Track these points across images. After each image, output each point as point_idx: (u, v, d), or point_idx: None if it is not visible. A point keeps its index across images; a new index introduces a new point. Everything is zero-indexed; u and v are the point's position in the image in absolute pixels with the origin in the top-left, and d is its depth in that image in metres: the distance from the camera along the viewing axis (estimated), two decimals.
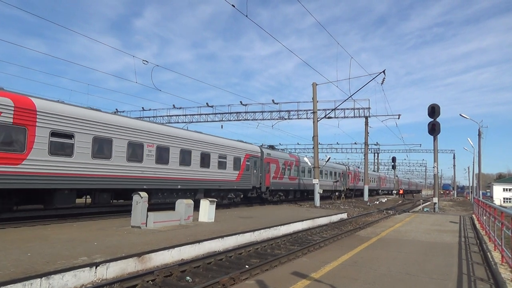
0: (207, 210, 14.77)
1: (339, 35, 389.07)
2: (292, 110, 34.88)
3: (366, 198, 41.21)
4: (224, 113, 37.44)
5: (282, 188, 30.38)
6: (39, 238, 9.57)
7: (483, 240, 11.99)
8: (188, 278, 7.81)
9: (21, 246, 8.44)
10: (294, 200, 33.72)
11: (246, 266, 8.72)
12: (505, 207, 12.31)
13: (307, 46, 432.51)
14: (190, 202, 14.06)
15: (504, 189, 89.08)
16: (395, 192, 67.81)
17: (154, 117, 39.81)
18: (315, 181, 28.18)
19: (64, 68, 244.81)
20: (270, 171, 27.76)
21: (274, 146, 34.29)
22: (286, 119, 35.27)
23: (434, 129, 24.83)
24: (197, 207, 14.88)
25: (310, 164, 32.71)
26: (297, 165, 32.93)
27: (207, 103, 37.15)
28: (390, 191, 70.90)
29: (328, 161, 36.57)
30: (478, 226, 16.42)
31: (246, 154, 24.27)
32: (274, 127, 38.58)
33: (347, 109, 34.02)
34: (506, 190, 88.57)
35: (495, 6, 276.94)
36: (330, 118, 33.45)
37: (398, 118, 37.70)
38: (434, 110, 24.78)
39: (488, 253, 9.55)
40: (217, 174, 21.11)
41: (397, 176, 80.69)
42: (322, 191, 30.14)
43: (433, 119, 24.85)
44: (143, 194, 12.30)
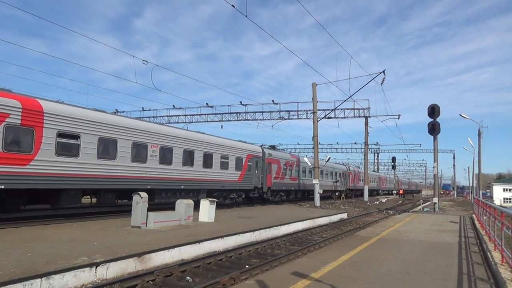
0: (207, 210, 14.78)
1: (339, 35, 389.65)
2: (292, 110, 34.97)
3: (366, 198, 41.22)
4: (224, 113, 37.50)
5: (284, 188, 30.34)
6: (39, 238, 9.58)
7: (483, 240, 11.99)
8: (188, 278, 7.81)
9: (21, 246, 8.44)
10: (295, 200, 33.71)
11: (246, 266, 8.72)
12: (505, 207, 12.32)
13: (307, 46, 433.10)
14: (190, 202, 14.07)
15: (504, 189, 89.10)
16: (395, 192, 67.82)
17: (154, 117, 39.84)
18: (315, 181, 28.19)
19: (64, 68, 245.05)
20: (271, 171, 27.75)
21: (275, 146, 34.27)
22: (286, 119, 35.36)
23: (434, 129, 24.85)
24: (197, 207, 14.89)
25: (310, 164, 32.71)
26: (298, 165, 32.88)
27: (207, 103, 37.24)
28: (390, 191, 70.92)
29: (328, 161, 36.56)
30: (478, 226, 16.42)
31: (248, 154, 24.28)
32: (274, 127, 38.66)
33: (347, 109, 34.12)
34: (506, 190, 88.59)
35: (495, 6, 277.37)
36: (330, 118, 33.51)
37: (398, 118, 37.83)
38: (434, 110, 24.80)
39: (488, 253, 9.55)
40: (219, 175, 21.14)
41: (397, 176, 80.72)
42: (322, 191, 30.14)
43: (433, 119, 24.87)
44: (143, 194, 12.30)
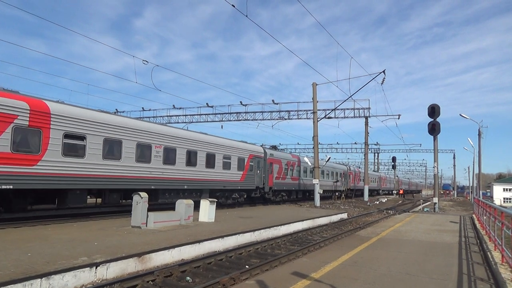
0: (207, 210, 14.78)
1: (339, 35, 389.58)
2: (292, 110, 34.95)
3: (366, 198, 41.21)
4: (224, 113, 37.48)
5: (285, 188, 30.39)
6: (39, 238, 9.58)
7: (483, 240, 11.99)
8: (188, 278, 7.81)
9: (21, 246, 8.44)
10: (296, 200, 33.75)
11: (246, 266, 8.72)
12: (505, 207, 12.31)
13: (307, 46, 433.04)
14: (190, 202, 14.08)
15: (504, 189, 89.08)
16: (395, 192, 67.81)
17: (154, 117, 39.84)
18: (315, 181, 28.20)
19: (64, 68, 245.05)
20: (273, 172, 27.82)
21: (276, 147, 34.30)
22: (286, 119, 35.34)
23: (434, 129, 24.86)
24: (197, 207, 14.89)
25: (310, 164, 32.72)
26: (299, 165, 32.91)
27: (207, 103, 37.22)
28: (391, 191, 70.91)
29: (328, 161, 36.56)
30: (478, 226, 16.42)
31: (250, 154, 24.41)
32: (274, 127, 38.66)
33: (347, 109, 34.09)
34: (506, 190, 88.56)
35: (495, 6, 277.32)
36: (330, 118, 33.49)
37: (398, 118, 37.78)
38: (434, 110, 24.80)
39: (488, 253, 9.55)
40: (222, 175, 21.28)
41: (397, 176, 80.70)
42: (322, 191, 30.15)
43: (433, 119, 24.88)
44: (143, 194, 12.31)
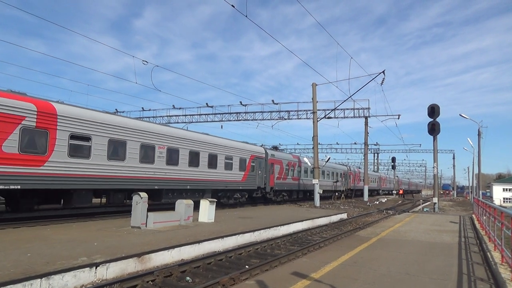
0: (207, 210, 14.78)
1: (339, 35, 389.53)
2: (292, 110, 35.00)
3: (366, 198, 41.22)
4: (224, 113, 37.51)
5: (286, 188, 30.51)
6: (39, 238, 9.57)
7: (483, 240, 11.99)
8: (188, 278, 7.81)
9: (20, 246, 8.43)
10: (297, 200, 33.83)
11: (246, 266, 8.72)
12: (505, 207, 12.30)
13: (307, 47, 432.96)
14: (190, 202, 14.08)
15: (503, 189, 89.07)
16: (395, 192, 67.81)
17: (154, 117, 39.84)
18: (315, 181, 28.23)
19: (63, 68, 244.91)
20: (274, 172, 27.95)
21: (277, 147, 34.36)
22: (286, 119, 35.39)
23: (434, 129, 24.88)
24: (197, 208, 14.89)
25: (310, 164, 32.75)
26: (299, 165, 32.98)
27: (207, 104, 37.25)
28: (390, 191, 70.91)
29: (328, 161, 36.57)
30: (478, 226, 16.42)
31: (251, 155, 24.57)
32: (274, 127, 38.66)
33: (347, 109, 34.16)
34: (506, 190, 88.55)
35: (495, 7, 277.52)
36: (330, 118, 33.54)
37: (398, 118, 37.86)
38: (433, 110, 24.83)
39: (488, 253, 9.55)
40: (224, 175, 21.45)
41: (397, 176, 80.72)
42: (322, 191, 30.18)
43: (432, 119, 24.90)
44: (143, 194, 12.30)
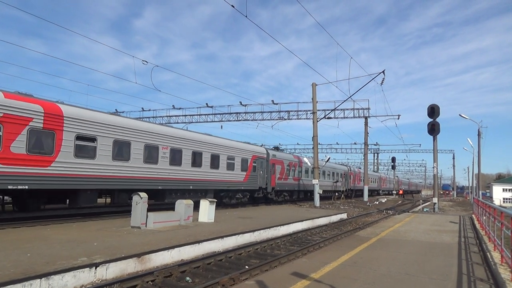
0: (207, 210, 14.78)
1: (339, 36, 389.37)
2: (291, 111, 35.02)
3: (365, 198, 41.20)
4: (223, 113, 37.52)
5: (287, 188, 30.63)
6: (39, 238, 9.57)
7: (483, 240, 11.99)
8: (188, 278, 7.81)
9: (20, 246, 8.43)
10: (298, 200, 33.91)
11: (246, 267, 8.72)
12: (504, 207, 12.31)
13: (307, 47, 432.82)
14: (190, 202, 14.09)
15: (503, 189, 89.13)
16: (395, 192, 67.82)
17: (153, 117, 39.86)
18: (315, 181, 28.25)
19: (63, 68, 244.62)
20: (275, 172, 28.08)
21: (278, 148, 34.42)
22: (285, 120, 35.40)
23: (433, 129, 24.88)
24: (197, 208, 14.89)
25: (310, 164, 32.77)
26: (300, 165, 33.08)
27: (207, 104, 37.26)
28: (390, 191, 70.92)
29: (328, 161, 36.56)
30: (477, 226, 16.43)
31: (253, 155, 24.71)
32: (274, 128, 38.65)
33: (347, 109, 34.17)
34: (506, 190, 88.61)
35: (494, 7, 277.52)
36: (329, 118, 33.54)
37: (398, 118, 37.86)
38: (433, 110, 24.83)
39: (487, 253, 9.55)
40: (226, 175, 21.60)
41: (397, 176, 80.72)
42: (322, 192, 30.22)
43: (432, 119, 24.90)
44: (143, 194, 12.31)
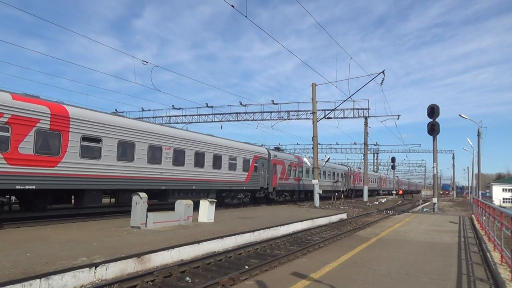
0: (207, 211, 14.78)
1: (339, 36, 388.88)
2: (291, 111, 35.02)
3: (365, 198, 41.20)
4: (223, 113, 37.51)
5: (288, 188, 30.74)
6: (39, 238, 9.57)
7: (483, 240, 11.99)
8: (187, 278, 7.81)
9: (20, 246, 8.43)
10: (299, 200, 33.97)
11: (246, 267, 8.72)
12: (504, 207, 12.32)
13: (307, 47, 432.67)
14: (190, 202, 14.09)
15: (503, 189, 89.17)
16: (395, 192, 67.85)
17: (153, 117, 39.84)
18: (315, 181, 28.25)
19: (63, 68, 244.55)
20: (276, 172, 28.21)
21: (280, 148, 34.44)
22: (285, 120, 35.38)
23: (433, 129, 24.88)
24: (196, 208, 14.89)
25: (309, 164, 32.78)
26: (301, 166, 33.17)
27: (207, 104, 37.24)
28: (390, 192, 70.94)
29: (327, 161, 36.57)
30: (477, 226, 16.43)
31: (255, 156, 24.86)
32: (274, 128, 38.68)
33: (347, 109, 34.16)
34: (506, 190, 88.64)
35: (494, 7, 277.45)
36: (329, 118, 33.54)
37: (398, 119, 37.87)
38: (433, 111, 24.84)
39: (487, 253, 9.55)
40: (228, 175, 21.74)
41: (397, 176, 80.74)
42: (322, 191, 30.25)
43: (432, 119, 24.91)
44: (143, 194, 12.31)
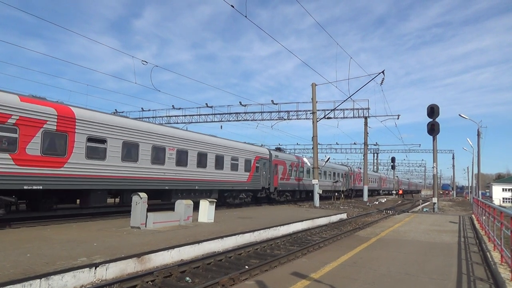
0: (207, 211, 14.77)
1: (339, 36, 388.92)
2: (291, 111, 35.02)
3: (365, 198, 41.18)
4: (223, 113, 37.50)
5: (289, 188, 30.84)
6: (39, 238, 9.56)
7: (483, 240, 11.99)
8: (187, 278, 7.81)
9: (20, 246, 8.43)
10: (300, 200, 34.02)
11: (246, 267, 8.72)
12: (504, 207, 12.33)
13: (307, 47, 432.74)
14: (190, 202, 14.09)
15: (503, 189, 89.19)
16: (395, 192, 67.85)
17: (153, 117, 39.82)
18: (315, 181, 28.23)
19: (63, 68, 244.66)
20: (278, 172, 28.31)
21: (281, 148, 34.44)
22: (285, 120, 35.39)
23: (433, 129, 24.89)
24: (196, 208, 14.89)
25: (309, 164, 32.77)
26: (302, 166, 33.23)
27: (207, 104, 37.23)
28: (390, 191, 70.93)
29: (327, 161, 36.56)
30: (477, 226, 16.43)
31: (256, 156, 24.98)
32: (274, 128, 38.67)
33: (347, 109, 34.15)
34: (505, 190, 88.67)
35: (494, 7, 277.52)
36: (329, 118, 33.55)
37: (398, 119, 37.89)
38: (433, 110, 24.84)
39: (487, 253, 9.55)
40: (230, 176, 21.87)
41: (397, 176, 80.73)
42: (322, 192, 30.27)
43: (432, 119, 24.92)
44: (143, 194, 12.31)
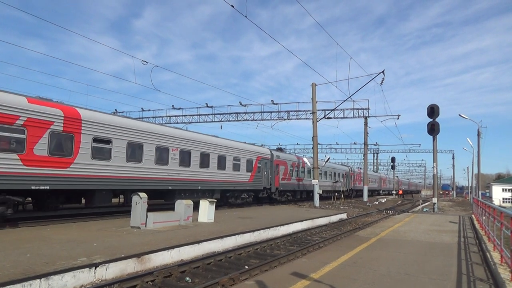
0: (207, 211, 14.78)
1: (339, 36, 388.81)
2: (291, 111, 35.03)
3: (365, 198, 41.18)
4: (223, 113, 37.51)
5: (290, 188, 30.96)
6: (39, 238, 9.56)
7: (483, 240, 11.99)
8: (187, 278, 7.81)
9: (20, 246, 8.43)
10: (301, 200, 34.09)
11: (246, 267, 8.72)
12: (504, 207, 12.33)
13: (307, 47, 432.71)
14: (190, 202, 14.10)
15: (503, 189, 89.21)
16: (395, 192, 67.85)
17: (153, 117, 39.83)
18: (315, 181, 28.24)
19: (63, 68, 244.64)
20: (279, 173, 28.43)
21: (282, 148, 34.48)
22: (285, 120, 35.39)
23: (433, 129, 24.90)
24: (196, 208, 14.89)
25: (309, 164, 32.77)
26: (303, 166, 33.29)
27: (207, 104, 37.24)
28: (390, 192, 70.94)
29: (327, 161, 36.56)
30: (477, 226, 16.43)
31: (258, 156, 25.12)
32: (274, 128, 38.68)
33: (347, 109, 34.17)
34: (505, 190, 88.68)
35: (495, 7, 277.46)
36: (329, 118, 33.56)
37: (398, 119, 37.89)
38: (433, 111, 24.85)
39: (487, 253, 9.55)
40: (232, 176, 22.01)
41: (397, 176, 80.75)
42: (322, 192, 30.28)
43: (432, 119, 24.92)
44: (143, 194, 12.32)
